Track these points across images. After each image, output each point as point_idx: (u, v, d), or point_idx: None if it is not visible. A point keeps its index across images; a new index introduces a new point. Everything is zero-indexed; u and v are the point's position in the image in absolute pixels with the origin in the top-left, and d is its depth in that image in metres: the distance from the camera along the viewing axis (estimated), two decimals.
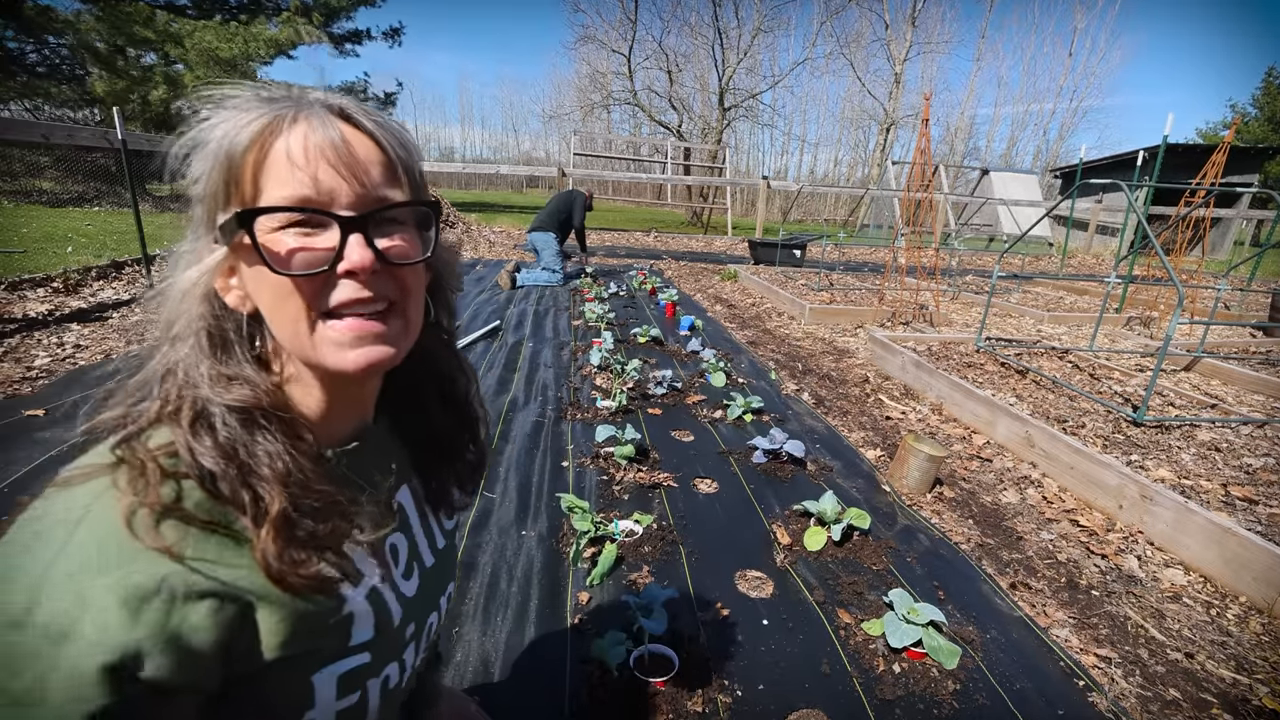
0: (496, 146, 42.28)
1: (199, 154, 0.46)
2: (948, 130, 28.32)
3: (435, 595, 0.63)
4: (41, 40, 11.22)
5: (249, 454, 0.45)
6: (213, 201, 0.46)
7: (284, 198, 0.44)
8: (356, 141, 0.46)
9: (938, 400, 3.25)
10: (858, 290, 6.54)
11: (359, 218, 0.45)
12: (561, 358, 3.62)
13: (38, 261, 5.09)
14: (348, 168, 0.45)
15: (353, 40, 14.27)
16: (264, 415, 0.46)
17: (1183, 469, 2.47)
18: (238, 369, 0.47)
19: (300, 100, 0.46)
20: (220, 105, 0.47)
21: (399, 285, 0.49)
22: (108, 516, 0.40)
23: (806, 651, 1.43)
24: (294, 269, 0.44)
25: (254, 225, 0.43)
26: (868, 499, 2.17)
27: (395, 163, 0.48)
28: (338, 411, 0.52)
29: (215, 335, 0.47)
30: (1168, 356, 3.98)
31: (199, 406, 0.45)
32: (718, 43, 21.50)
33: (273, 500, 0.44)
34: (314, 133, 0.44)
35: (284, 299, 0.45)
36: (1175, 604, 1.73)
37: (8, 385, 2.67)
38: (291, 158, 0.44)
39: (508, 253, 8.45)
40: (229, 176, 0.44)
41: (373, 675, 0.52)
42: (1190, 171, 6.63)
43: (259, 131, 0.44)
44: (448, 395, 0.64)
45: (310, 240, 0.45)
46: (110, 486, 0.41)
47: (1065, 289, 7.68)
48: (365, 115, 0.48)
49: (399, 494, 0.61)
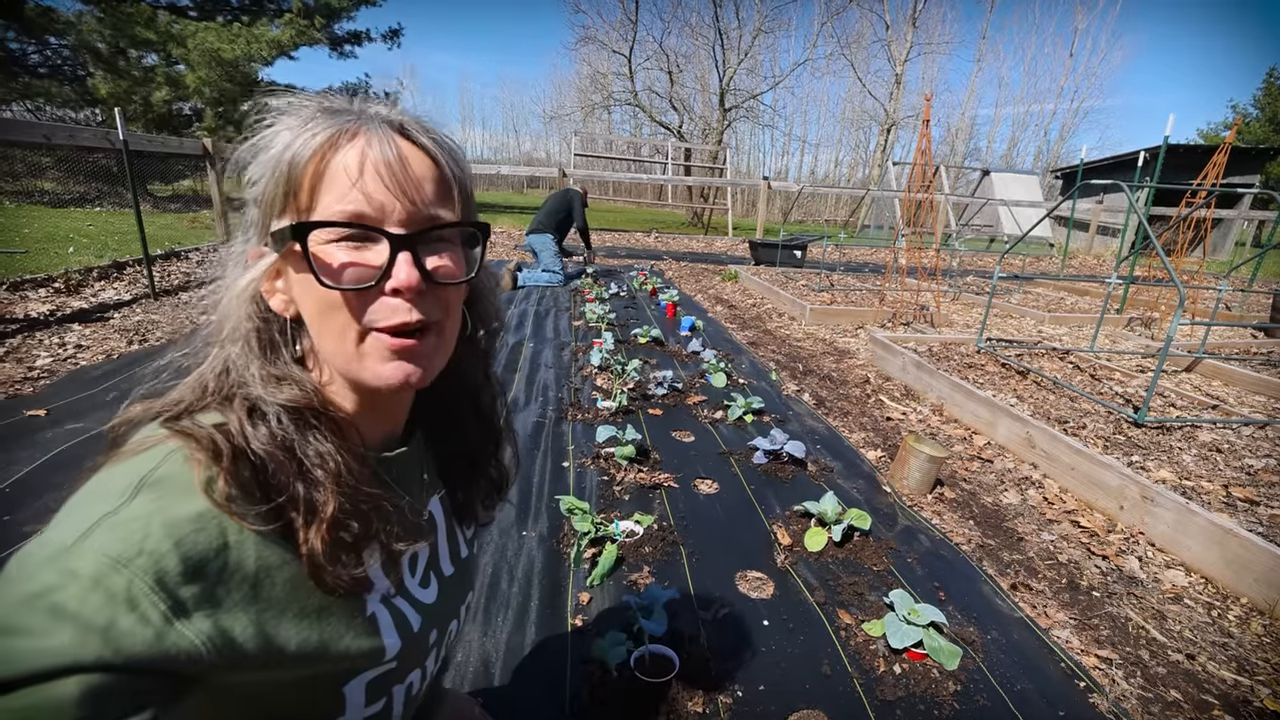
0: (497, 147, 42.34)
1: (260, 159, 0.47)
2: (948, 131, 28.35)
3: (455, 603, 0.64)
4: (43, 41, 11.25)
5: (302, 452, 0.46)
6: (269, 207, 0.46)
7: (338, 212, 0.44)
8: (413, 158, 0.47)
9: (938, 401, 3.25)
10: (858, 291, 6.54)
11: (409, 236, 0.46)
12: (562, 358, 3.62)
13: (39, 262, 5.10)
14: (401, 185, 0.45)
15: (352, 41, 14.27)
16: (314, 415, 0.48)
17: (1184, 470, 2.47)
18: (285, 369, 0.48)
19: (362, 114, 0.47)
20: (285, 112, 0.48)
21: (442, 305, 0.49)
22: (179, 475, 0.41)
23: (807, 652, 1.43)
24: (342, 283, 0.45)
25: (308, 237, 0.44)
26: (868, 500, 2.17)
27: (449, 180, 0.49)
28: (370, 418, 0.53)
29: (264, 336, 0.49)
30: (1169, 357, 3.98)
31: (253, 401, 0.46)
32: (718, 43, 21.53)
33: (327, 501, 0.45)
34: (372, 148, 0.45)
35: (329, 311, 0.46)
36: (1176, 605, 1.73)
37: (9, 385, 2.67)
38: (349, 172, 0.44)
39: (508, 253, 8.45)
40: (288, 186, 0.45)
41: (397, 682, 0.53)
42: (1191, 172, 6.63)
43: (321, 144, 0.45)
44: (478, 409, 0.65)
45: (360, 255, 0.45)
46: (172, 453, 0.42)
47: (1066, 290, 7.67)
48: (423, 132, 0.49)
49: (430, 503, 0.62)
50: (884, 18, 23.47)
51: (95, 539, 0.36)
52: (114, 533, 0.36)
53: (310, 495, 0.45)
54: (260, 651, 0.41)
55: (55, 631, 0.32)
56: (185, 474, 0.41)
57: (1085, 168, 12.93)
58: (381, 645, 0.50)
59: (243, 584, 0.41)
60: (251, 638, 0.41)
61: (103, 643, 0.33)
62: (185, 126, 12.54)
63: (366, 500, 0.48)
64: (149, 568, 0.36)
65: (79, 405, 2.52)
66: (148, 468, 0.40)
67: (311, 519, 0.44)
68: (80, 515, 0.37)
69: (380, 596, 0.52)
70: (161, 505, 0.39)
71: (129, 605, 0.35)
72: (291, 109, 0.47)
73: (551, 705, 1.24)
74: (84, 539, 0.36)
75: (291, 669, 0.44)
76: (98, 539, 0.36)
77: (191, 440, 0.42)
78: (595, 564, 1.65)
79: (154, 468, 0.41)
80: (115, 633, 0.34)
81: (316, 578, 0.45)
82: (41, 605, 0.33)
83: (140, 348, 3.37)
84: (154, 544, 0.37)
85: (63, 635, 0.32)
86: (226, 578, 0.40)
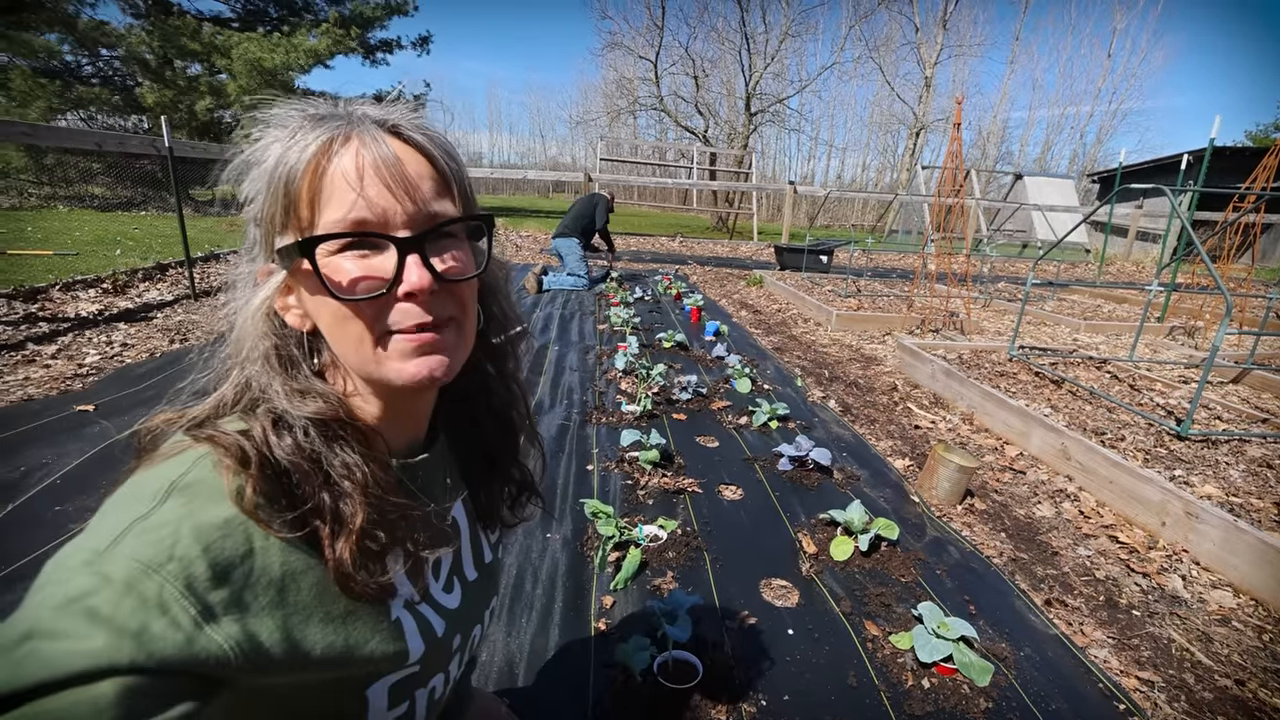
0: (524, 152, 42.88)
1: (253, 175, 0.46)
2: (979, 134, 27.74)
3: (479, 608, 0.64)
4: (96, 53, 11.79)
5: (329, 464, 0.46)
6: (270, 225, 0.46)
7: (341, 222, 0.44)
8: (408, 157, 0.46)
9: (969, 410, 3.18)
10: (886, 297, 6.44)
11: (415, 238, 0.45)
12: (587, 362, 3.64)
13: (89, 263, 5.33)
14: (401, 187, 0.45)
15: (384, 49, 14.62)
16: (340, 425, 0.48)
17: (1231, 486, 2.37)
18: (308, 383, 0.48)
19: (351, 117, 0.46)
20: (270, 124, 0.47)
21: (456, 301, 0.49)
22: (207, 480, 0.41)
23: (833, 663, 1.41)
24: (354, 293, 0.45)
25: (314, 252, 0.44)
26: (896, 509, 2.13)
27: (446, 175, 0.48)
28: (394, 424, 0.53)
29: (283, 353, 0.49)
30: (1214, 368, 3.82)
31: (277, 412, 0.47)
32: (745, 48, 21.46)
33: (356, 512, 0.45)
34: (366, 151, 0.44)
35: (345, 321, 0.46)
36: (1224, 627, 1.66)
37: (61, 381, 2.79)
38: (346, 180, 0.44)
39: (534, 256, 8.54)
40: (286, 201, 0.45)
41: (420, 686, 0.53)
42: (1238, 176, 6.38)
43: (315, 154, 0.44)
44: (491, 406, 0.64)
45: (368, 263, 0.45)
46: (201, 459, 0.43)
47: (1103, 297, 7.44)
48: (415, 129, 0.48)
49: (454, 508, 0.62)
50: (913, 20, 23.15)
51: (127, 544, 0.37)
52: (144, 538, 0.37)
53: (338, 506, 0.45)
54: (286, 655, 0.42)
55: (91, 635, 0.33)
56: (214, 479, 0.41)
57: (1124, 171, 12.54)
58: (405, 649, 0.50)
59: (269, 589, 0.41)
60: (278, 641, 0.41)
61: (136, 646, 0.34)
62: (226, 133, 13.00)
63: (393, 510, 0.48)
64: (179, 573, 0.37)
65: (124, 401, 2.62)
66: (178, 473, 0.41)
67: (339, 529, 0.45)
68: (113, 520, 0.38)
69: (404, 602, 0.52)
70: (191, 510, 0.39)
71: (160, 610, 0.35)
72: (276, 120, 0.47)
73: (575, 708, 1.24)
74: (116, 544, 0.37)
75: (316, 672, 0.44)
76: (129, 544, 0.37)
77: (219, 447, 0.43)
78: (619, 568, 1.65)
79: (184, 473, 0.41)
80: (148, 636, 0.35)
81: (344, 586, 0.45)
82: (77, 609, 0.34)
83: (181, 346, 3.49)
84: (183, 549, 0.37)
85: (98, 639, 0.33)
86: (253, 583, 0.40)
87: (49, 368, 2.95)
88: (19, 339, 3.28)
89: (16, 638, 0.33)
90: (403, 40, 14.92)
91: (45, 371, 2.90)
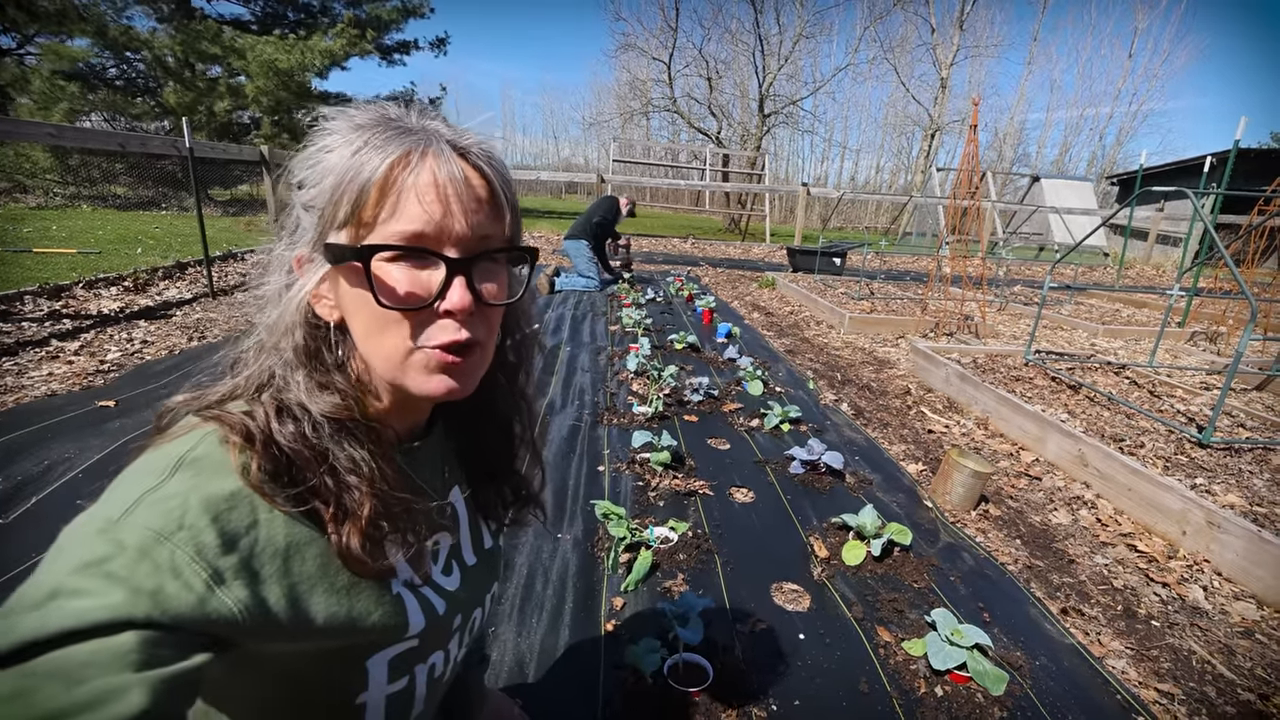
0: (537, 153, 43.06)
1: (320, 166, 0.47)
2: (996, 136, 27.42)
3: (479, 592, 0.65)
4: (121, 56, 12.05)
5: (335, 457, 0.48)
6: (328, 217, 0.46)
7: (401, 233, 0.45)
8: (474, 181, 0.48)
9: (983, 414, 3.14)
10: (899, 300, 6.39)
11: (465, 260, 0.47)
12: (598, 362, 3.65)
13: (111, 262, 5.43)
14: (461, 207, 0.46)
15: (401, 51, 14.76)
16: (353, 422, 0.49)
17: (1255, 495, 2.32)
18: (329, 377, 0.50)
19: (425, 131, 0.47)
20: (344, 120, 0.48)
21: (487, 324, 0.51)
22: (214, 455, 0.43)
23: (844, 668, 1.39)
24: (398, 303, 0.46)
25: (370, 259, 0.45)
26: (909, 514, 2.11)
27: (502, 205, 0.50)
28: (399, 416, 0.55)
29: (310, 344, 0.50)
30: (1238, 375, 3.75)
31: (282, 401, 0.48)
32: (759, 49, 21.40)
33: (363, 504, 0.47)
34: (440, 169, 0.46)
35: (382, 327, 0.47)
36: (1246, 640, 1.62)
37: (84, 377, 2.84)
38: (416, 193, 0.45)
39: (546, 257, 8.56)
40: (355, 200, 0.45)
41: (420, 661, 0.55)
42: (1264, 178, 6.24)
43: (393, 162, 0.45)
44: (494, 414, 0.66)
45: (416, 275, 0.47)
46: (208, 435, 0.45)
47: (1122, 301, 7.33)
48: (482, 155, 0.49)
49: (451, 495, 0.63)
50: (929, 21, 22.94)
51: (139, 514, 0.39)
52: (155, 508, 0.39)
53: (342, 496, 0.47)
54: (291, 621, 0.44)
55: (110, 592, 0.35)
56: (220, 454, 0.43)
57: (1145, 173, 12.34)
58: (406, 621, 0.52)
59: (275, 558, 0.43)
60: (284, 608, 0.43)
61: (152, 603, 0.36)
62: (244, 134, 13.21)
63: (398, 504, 0.50)
64: (189, 540, 0.39)
65: (144, 397, 2.66)
66: (185, 448, 0.43)
67: (345, 518, 0.47)
68: (125, 491, 0.40)
69: (405, 582, 0.54)
70: (198, 483, 0.41)
71: (173, 573, 0.37)
72: (349, 118, 0.48)
73: (585, 709, 1.24)
74: (129, 514, 0.38)
75: (319, 640, 0.46)
76: (141, 514, 0.39)
77: (226, 425, 0.45)
78: (630, 569, 1.65)
79: (191, 448, 0.43)
80: (163, 595, 0.36)
81: (348, 565, 0.47)
82: (96, 571, 0.36)
83: (199, 344, 3.54)
84: (192, 519, 0.39)
85: (116, 595, 0.35)
86: (259, 551, 0.42)
87: (72, 364, 3.01)
88: (43, 335, 3.35)
89: (41, 596, 0.35)
90: (420, 42, 15.05)
91: (69, 367, 2.95)
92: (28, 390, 2.65)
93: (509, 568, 1.68)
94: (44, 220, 7.97)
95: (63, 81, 10.71)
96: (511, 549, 1.76)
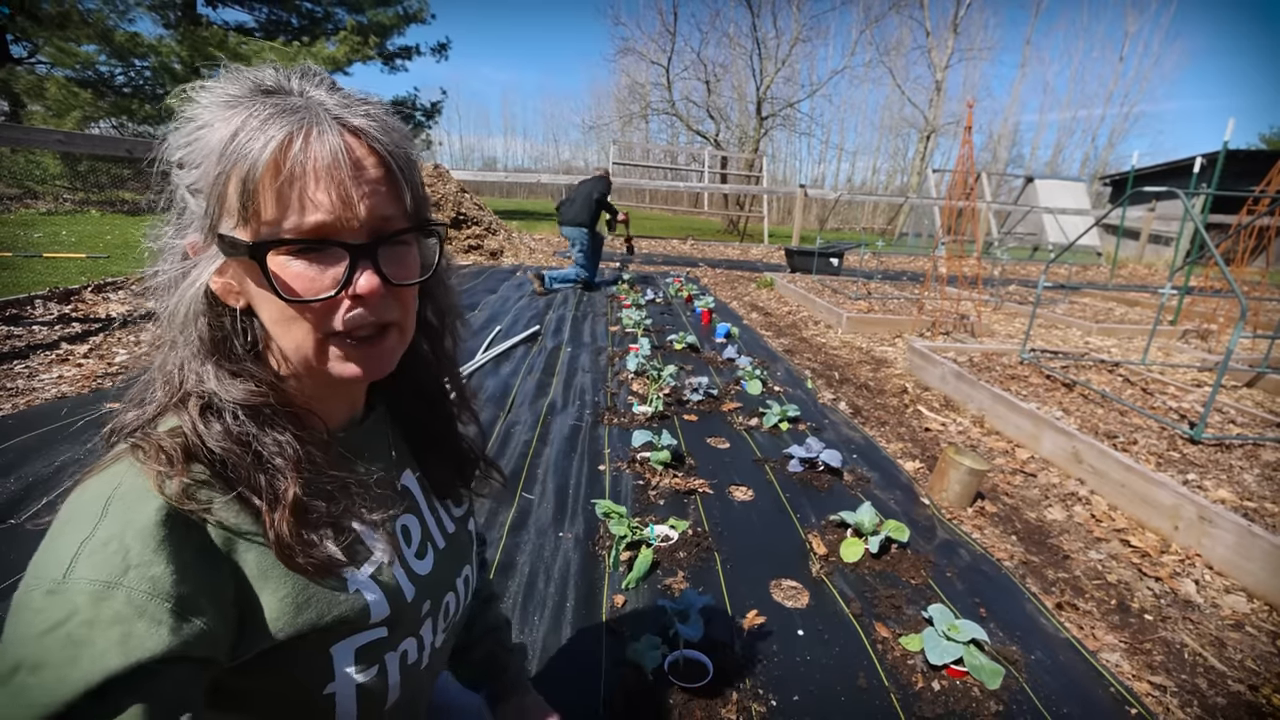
0: (537, 156, 43.05)
1: (198, 145, 0.44)
2: (990, 137, 27.55)
3: (450, 576, 0.64)
4: (129, 63, 12.13)
5: (260, 444, 0.47)
6: (217, 207, 0.44)
7: (295, 227, 0.43)
8: (368, 162, 0.45)
9: (979, 412, 3.17)
10: (896, 299, 6.42)
11: (369, 245, 0.45)
12: (599, 363, 3.67)
13: (119, 266, 5.45)
14: (359, 192, 0.44)
15: (403, 56, 14.83)
16: (270, 409, 0.48)
17: (1245, 490, 2.35)
18: (240, 365, 0.48)
19: (311, 110, 0.44)
20: (220, 95, 0.44)
21: (401, 304, 0.49)
22: (138, 486, 0.42)
23: (843, 664, 1.42)
24: (303, 296, 0.44)
25: (266, 256, 0.43)
26: (906, 511, 2.14)
27: (400, 179, 0.47)
28: (331, 402, 0.54)
29: (215, 332, 0.47)
30: (1229, 371, 3.79)
31: (207, 398, 0.46)
32: (756, 53, 21.51)
33: (288, 486, 0.46)
34: (327, 154, 0.43)
35: (289, 321, 0.46)
36: (1237, 633, 1.65)
37: (92, 380, 2.86)
38: (306, 182, 0.42)
39: (548, 260, 8.58)
40: (242, 193, 0.42)
41: (390, 649, 0.54)
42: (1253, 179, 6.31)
43: (276, 150, 0.42)
44: (421, 387, 0.64)
45: (319, 266, 0.44)
46: (132, 465, 0.43)
47: (1115, 300, 7.38)
48: (375, 129, 0.46)
49: (403, 478, 0.62)
50: (924, 24, 23.06)
51: (80, 568, 0.37)
52: (95, 558, 0.38)
53: (272, 483, 0.46)
54: (260, 624, 0.44)
55: (79, 658, 0.35)
56: (143, 484, 0.42)
57: (1137, 174, 12.43)
58: (367, 610, 0.51)
59: (223, 564, 0.43)
60: (250, 612, 0.44)
61: (123, 654, 0.36)
62: None
63: (330, 482, 0.49)
64: (141, 578, 0.38)
65: None
66: (112, 486, 0.42)
67: (275, 505, 0.45)
68: (62, 544, 0.39)
69: (371, 567, 0.53)
70: (130, 518, 0.40)
71: (137, 615, 0.37)
72: (221, 91, 0.44)
73: (585, 705, 1.26)
74: (71, 570, 0.37)
75: (286, 632, 0.46)
76: (82, 568, 0.37)
77: (140, 451, 0.44)
78: (631, 567, 1.67)
79: (118, 485, 0.42)
80: (134, 642, 0.36)
81: (286, 560, 0.46)
82: (57, 638, 0.35)
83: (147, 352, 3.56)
84: (136, 557, 0.39)
85: (88, 658, 0.35)
86: (210, 563, 0.42)
87: (81, 366, 3.02)
88: (53, 339, 3.36)
89: (6, 671, 0.35)
90: (421, 47, 15.12)
91: (78, 370, 2.96)
92: (39, 393, 2.67)
93: (511, 567, 1.70)
94: (54, 225, 7.95)
95: (77, 89, 10.79)
96: (514, 547, 1.78)
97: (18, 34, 11.06)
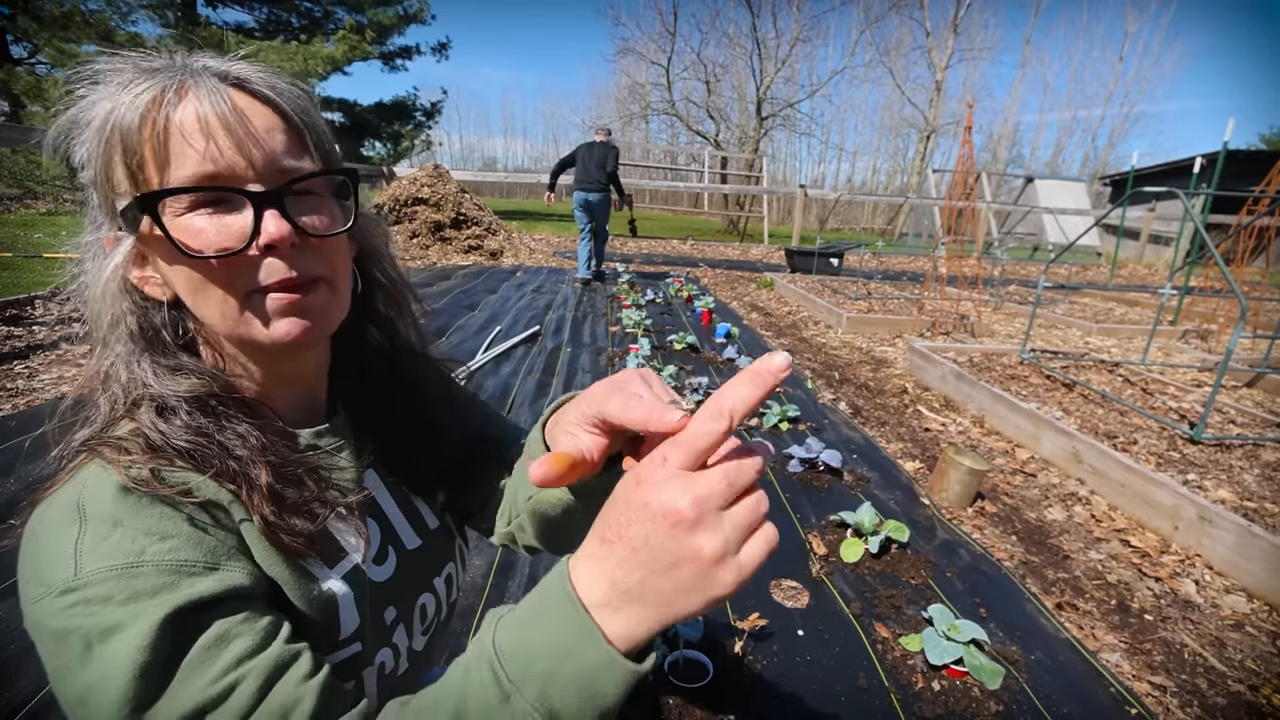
0: (537, 156, 43.11)
1: (83, 136, 0.43)
2: (990, 138, 27.59)
3: (424, 577, 0.61)
4: None
5: (221, 436, 0.45)
6: (109, 187, 0.43)
7: (186, 177, 0.41)
8: (253, 110, 0.43)
9: (979, 413, 3.17)
10: (896, 300, 6.42)
11: (272, 192, 0.43)
12: (599, 363, 3.67)
13: None
14: (249, 139, 0.42)
15: (403, 56, 14.85)
16: (218, 400, 0.46)
17: (1245, 490, 2.35)
18: (177, 360, 0.47)
19: (186, 68, 0.43)
20: (98, 80, 0.43)
21: (325, 261, 0.47)
22: (104, 481, 0.41)
23: (843, 664, 1.42)
24: (209, 251, 0.42)
25: (159, 210, 0.41)
26: (906, 511, 2.14)
27: (300, 129, 0.46)
28: (280, 392, 0.52)
29: (146, 329, 0.46)
30: (1228, 372, 3.79)
31: (158, 400, 0.45)
32: (756, 53, 21.54)
33: (260, 473, 0.45)
34: (204, 103, 0.41)
35: (204, 284, 0.43)
36: (1237, 633, 1.65)
37: None
38: (186, 133, 0.41)
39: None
40: (125, 159, 0.41)
41: (368, 664, 0.52)
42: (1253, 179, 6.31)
43: (146, 106, 0.40)
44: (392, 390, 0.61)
45: (223, 220, 0.42)
46: (93, 469, 0.42)
47: (1115, 300, 7.38)
48: (260, 80, 0.45)
49: (365, 477, 0.58)
50: (924, 25, 23.09)
51: (89, 563, 0.36)
52: (100, 548, 0.37)
53: (245, 470, 0.45)
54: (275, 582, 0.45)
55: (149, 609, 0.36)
56: (110, 478, 0.41)
57: (1137, 174, 12.43)
58: (336, 612, 0.49)
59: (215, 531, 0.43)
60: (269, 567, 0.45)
61: (175, 594, 0.37)
62: None
63: (297, 464, 0.48)
64: (160, 553, 0.38)
65: None
66: (78, 491, 0.40)
67: (252, 490, 0.45)
68: (53, 555, 0.37)
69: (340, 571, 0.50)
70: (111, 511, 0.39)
71: (175, 572, 0.38)
72: (104, 75, 0.43)
73: None
74: (81, 568, 0.36)
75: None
76: (92, 562, 0.36)
77: (101, 453, 0.42)
78: None
79: (83, 488, 0.40)
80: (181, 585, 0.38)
81: (271, 537, 0.45)
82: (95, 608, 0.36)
83: None
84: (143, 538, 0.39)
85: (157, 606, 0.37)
86: (203, 531, 0.42)
87: (80, 366, 3.02)
88: (53, 339, 3.37)
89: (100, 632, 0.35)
90: (421, 47, 15.14)
91: (77, 370, 2.96)
92: (38, 393, 2.67)
93: (512, 566, 1.70)
94: (54, 225, 7.95)
95: None
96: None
97: (18, 34, 11.09)
